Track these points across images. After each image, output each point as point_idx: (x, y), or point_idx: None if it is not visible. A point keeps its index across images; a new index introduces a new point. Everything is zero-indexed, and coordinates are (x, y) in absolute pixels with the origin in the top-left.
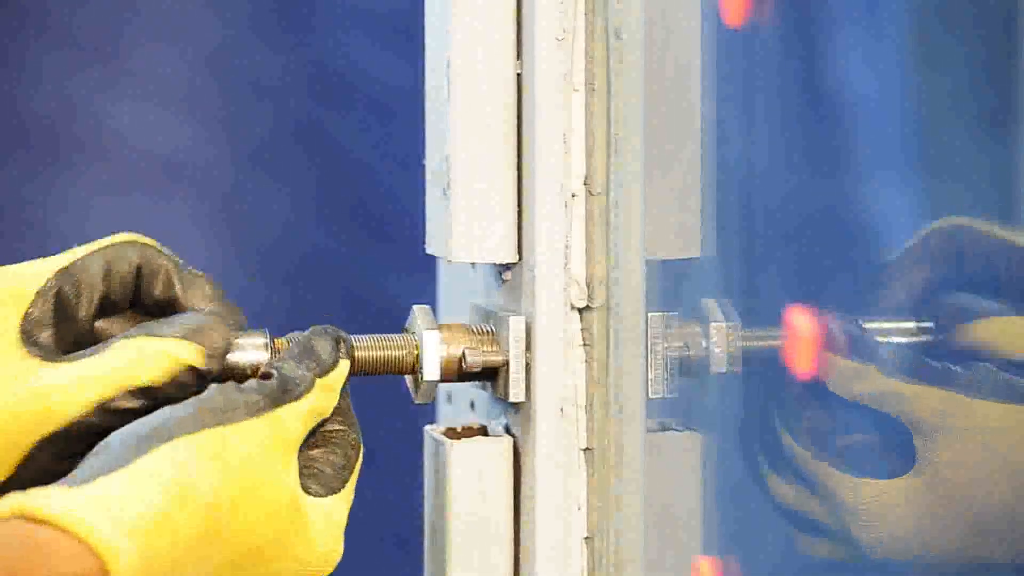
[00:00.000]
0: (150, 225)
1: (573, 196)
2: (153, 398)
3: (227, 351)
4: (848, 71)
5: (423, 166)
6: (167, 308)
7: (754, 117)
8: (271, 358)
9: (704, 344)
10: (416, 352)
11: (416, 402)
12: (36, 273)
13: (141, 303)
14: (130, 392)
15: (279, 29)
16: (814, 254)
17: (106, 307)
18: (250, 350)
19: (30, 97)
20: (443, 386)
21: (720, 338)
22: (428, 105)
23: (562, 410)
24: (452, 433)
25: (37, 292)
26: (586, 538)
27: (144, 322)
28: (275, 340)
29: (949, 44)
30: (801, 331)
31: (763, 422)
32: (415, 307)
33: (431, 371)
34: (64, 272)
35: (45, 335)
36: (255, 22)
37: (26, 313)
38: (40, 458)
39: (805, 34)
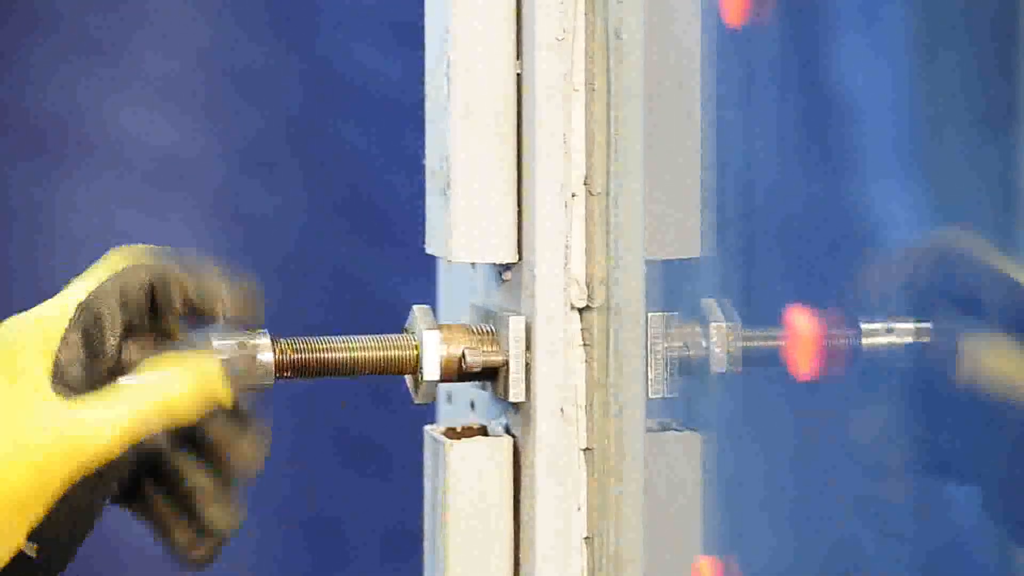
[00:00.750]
0: (151, 225)
1: (573, 196)
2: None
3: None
4: (848, 71)
5: (423, 166)
6: (187, 319)
7: (754, 117)
8: (278, 358)
9: (704, 344)
10: (416, 352)
11: (416, 402)
12: (57, 316)
13: (159, 322)
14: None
15: (279, 30)
16: (814, 254)
17: (128, 331)
18: (257, 352)
19: (29, 97)
20: (443, 386)
21: (720, 338)
22: (428, 105)
23: (562, 410)
24: (452, 433)
25: (62, 337)
26: (586, 538)
27: (167, 349)
28: (281, 340)
29: (950, 44)
30: (801, 330)
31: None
32: (415, 307)
33: (431, 371)
34: (84, 310)
35: (75, 375)
36: (256, 23)
37: (56, 360)
38: (76, 498)
39: (805, 34)
